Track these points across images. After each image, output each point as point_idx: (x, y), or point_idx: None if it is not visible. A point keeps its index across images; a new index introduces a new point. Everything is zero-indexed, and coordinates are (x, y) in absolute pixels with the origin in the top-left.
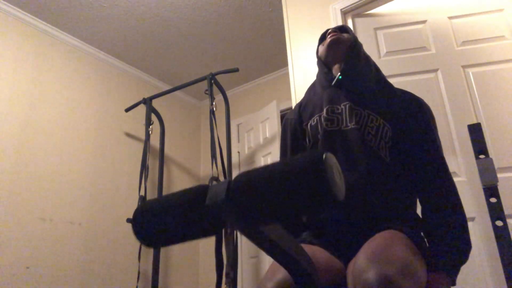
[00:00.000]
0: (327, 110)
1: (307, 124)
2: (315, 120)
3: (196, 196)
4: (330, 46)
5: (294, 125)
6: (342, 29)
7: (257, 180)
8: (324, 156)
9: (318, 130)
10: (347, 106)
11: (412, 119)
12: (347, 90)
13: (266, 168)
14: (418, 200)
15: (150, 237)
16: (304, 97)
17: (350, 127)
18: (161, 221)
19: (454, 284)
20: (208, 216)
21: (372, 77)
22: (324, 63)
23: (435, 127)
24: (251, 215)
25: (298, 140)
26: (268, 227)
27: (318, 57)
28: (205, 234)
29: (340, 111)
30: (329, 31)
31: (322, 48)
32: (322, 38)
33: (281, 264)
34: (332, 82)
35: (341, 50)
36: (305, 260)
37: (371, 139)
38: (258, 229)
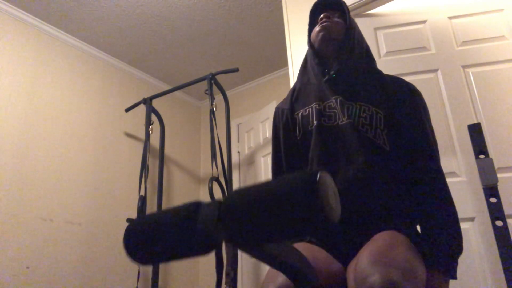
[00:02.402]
0: (324, 106)
1: (298, 113)
2: (307, 110)
3: (187, 216)
4: (320, 41)
5: (286, 115)
6: (336, 6)
7: (249, 202)
8: (318, 176)
9: (309, 122)
10: (338, 100)
11: (403, 105)
12: (339, 84)
13: (258, 187)
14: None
15: (142, 256)
16: (297, 81)
17: (344, 121)
18: (152, 242)
19: (455, 278)
20: (199, 237)
21: (364, 65)
22: (316, 51)
23: (426, 114)
24: (243, 237)
25: (289, 131)
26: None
27: (309, 40)
28: (196, 254)
29: (334, 105)
30: (321, 16)
31: (313, 35)
32: (313, 15)
33: (279, 270)
34: (324, 73)
35: (334, 45)
36: (302, 264)
37: (366, 130)
38: (251, 247)
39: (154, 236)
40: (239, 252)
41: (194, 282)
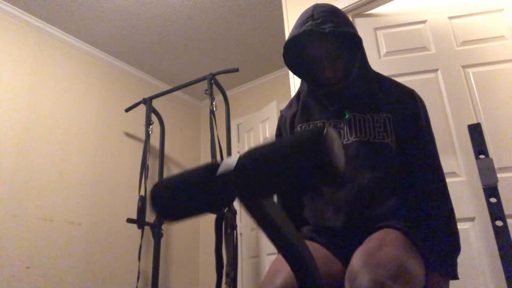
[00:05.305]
0: (329, 124)
1: (302, 127)
2: (310, 126)
3: (209, 168)
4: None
5: (291, 122)
6: (324, 28)
7: (263, 152)
8: (325, 130)
9: None
10: (347, 118)
11: (407, 109)
12: (345, 98)
13: (272, 142)
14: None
15: (167, 210)
16: (301, 86)
17: (350, 140)
18: (176, 193)
19: (456, 277)
20: (219, 185)
21: (363, 72)
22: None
23: (427, 117)
24: (257, 182)
25: None
26: (270, 206)
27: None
28: (216, 206)
29: (342, 125)
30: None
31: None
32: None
33: (277, 248)
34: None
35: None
36: (303, 248)
37: (383, 136)
38: (262, 203)
39: (177, 187)
40: (239, 252)
41: (194, 282)
